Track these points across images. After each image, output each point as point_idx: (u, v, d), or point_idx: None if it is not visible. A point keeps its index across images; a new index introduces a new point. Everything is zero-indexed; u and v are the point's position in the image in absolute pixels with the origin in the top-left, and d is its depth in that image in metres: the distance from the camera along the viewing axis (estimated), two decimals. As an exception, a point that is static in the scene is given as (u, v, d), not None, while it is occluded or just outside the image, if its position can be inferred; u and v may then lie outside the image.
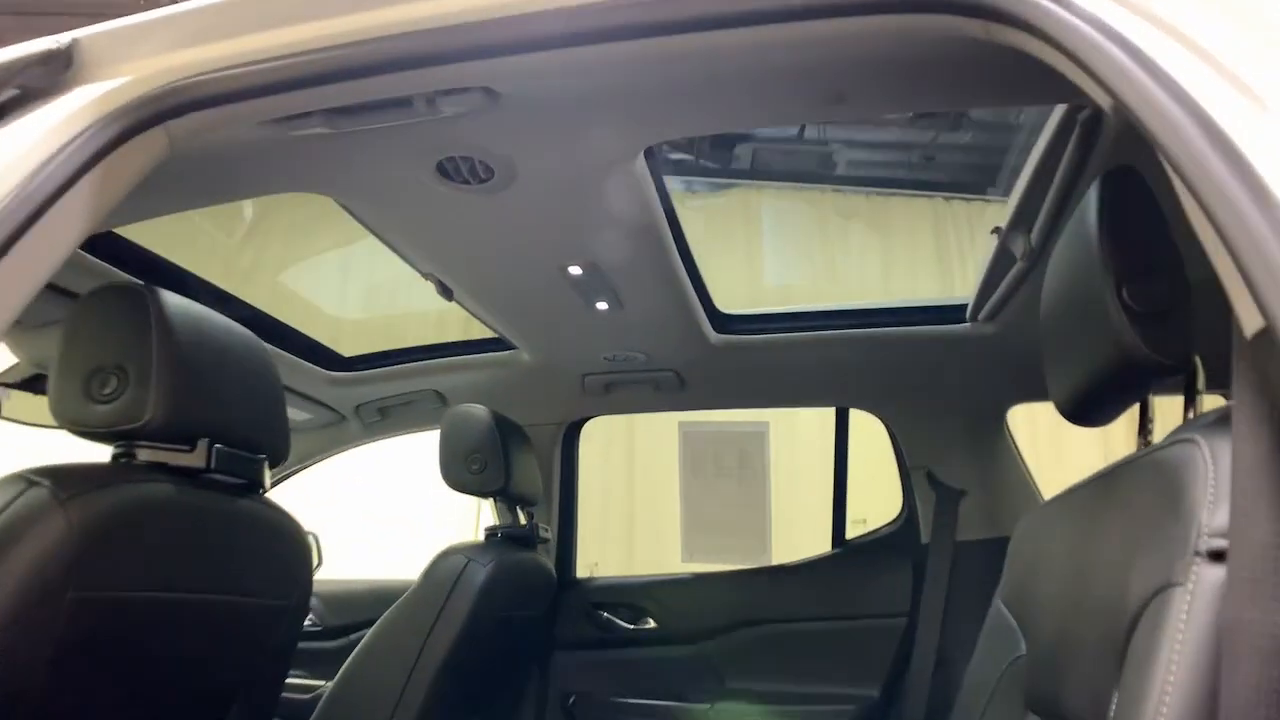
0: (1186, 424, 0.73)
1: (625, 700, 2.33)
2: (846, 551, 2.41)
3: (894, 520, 2.41)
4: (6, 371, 1.98)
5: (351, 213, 1.46)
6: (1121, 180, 0.81)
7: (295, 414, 2.45)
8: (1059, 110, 1.17)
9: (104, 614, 0.96)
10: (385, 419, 2.51)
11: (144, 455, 1.06)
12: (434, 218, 1.46)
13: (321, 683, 2.53)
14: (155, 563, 1.02)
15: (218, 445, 1.10)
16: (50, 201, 0.87)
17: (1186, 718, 0.51)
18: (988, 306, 1.80)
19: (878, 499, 2.47)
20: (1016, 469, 2.29)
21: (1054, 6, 0.63)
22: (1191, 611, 0.53)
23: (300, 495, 2.78)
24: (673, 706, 2.29)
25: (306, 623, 2.65)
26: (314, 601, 2.65)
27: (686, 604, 2.41)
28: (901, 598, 2.26)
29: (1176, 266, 0.76)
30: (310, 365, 2.22)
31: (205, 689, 1.17)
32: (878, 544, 2.41)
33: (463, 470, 1.95)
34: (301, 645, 2.58)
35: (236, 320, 1.24)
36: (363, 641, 1.77)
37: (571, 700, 2.35)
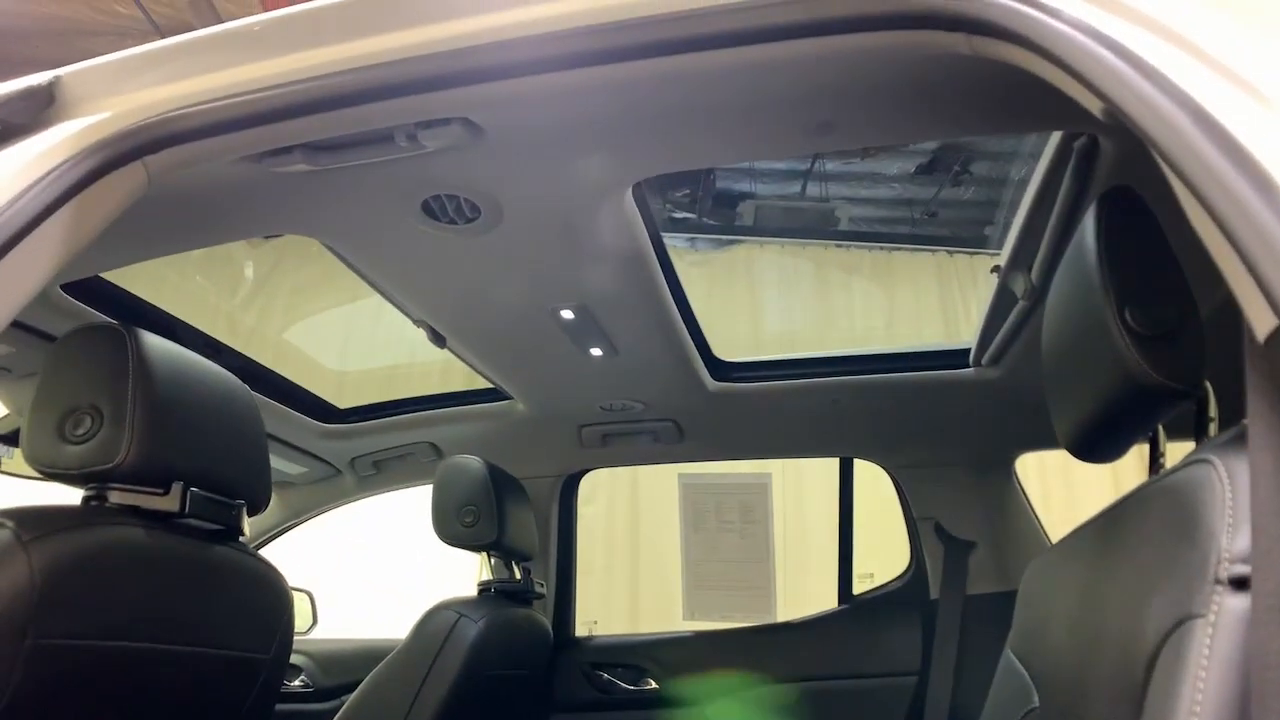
0: (1199, 447, 0.69)
1: None
2: (854, 608, 2.34)
3: (902, 574, 2.34)
4: None
5: (339, 256, 1.45)
6: (1120, 200, 0.78)
7: (289, 467, 2.42)
8: (1053, 141, 1.16)
9: (64, 662, 0.91)
10: (380, 472, 2.47)
11: (115, 498, 1.02)
12: (421, 260, 1.44)
13: (311, 750, 2.45)
14: (121, 609, 0.97)
15: (193, 489, 1.06)
16: (24, 233, 0.86)
17: None
18: (990, 350, 1.76)
19: (886, 552, 2.40)
20: (1026, 518, 2.22)
21: (1036, 13, 0.61)
22: (1214, 645, 0.48)
23: (295, 554, 2.73)
24: None
25: (298, 683, 2.59)
26: (306, 661, 2.58)
27: (689, 663, 2.32)
28: (912, 654, 2.18)
29: (1181, 287, 0.73)
30: (303, 417, 2.19)
31: None
32: (886, 599, 2.33)
33: (455, 523, 1.89)
34: (293, 707, 2.53)
35: (229, 370, 1.22)
36: (350, 699, 1.70)
37: None
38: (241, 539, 1.19)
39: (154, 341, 1.07)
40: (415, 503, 2.52)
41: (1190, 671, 0.48)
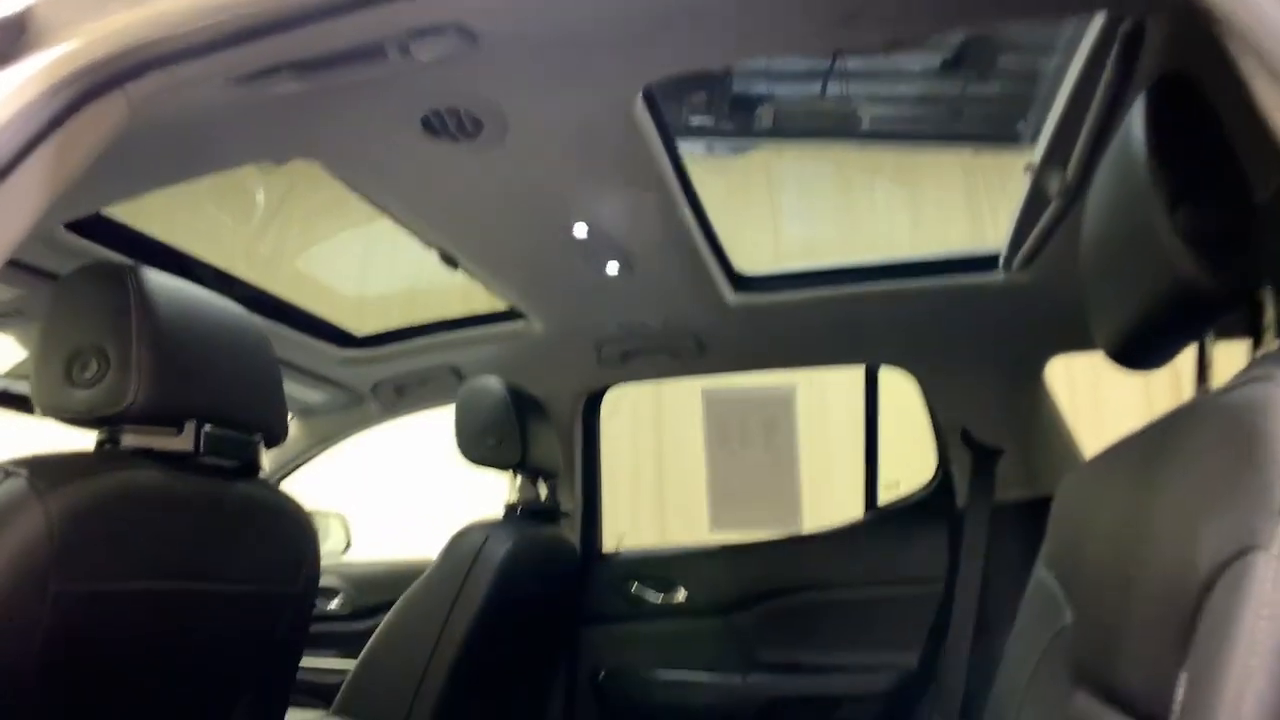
0: (1256, 363, 0.64)
1: (656, 674, 2.28)
2: (879, 517, 2.33)
3: (928, 483, 2.32)
4: (17, 366, 1.96)
5: (342, 180, 1.40)
6: (1172, 89, 0.71)
7: (310, 395, 2.42)
8: (1094, 27, 1.07)
9: (90, 607, 0.92)
10: (402, 397, 2.47)
11: (129, 440, 1.01)
12: (426, 180, 1.39)
13: (351, 664, 2.53)
14: (143, 553, 0.98)
15: (207, 427, 1.05)
16: (4, 173, 0.82)
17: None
18: (1022, 253, 1.69)
19: (911, 462, 2.38)
20: (1056, 424, 2.18)
21: None
22: (1278, 581, 0.44)
23: (327, 478, 2.77)
24: (704, 679, 2.24)
25: (335, 604, 2.66)
26: (342, 583, 2.64)
27: (716, 575, 2.35)
28: (937, 563, 2.18)
29: (1239, 183, 0.67)
30: (322, 344, 2.17)
31: (208, 682, 1.13)
32: (911, 508, 2.32)
33: (479, 444, 1.89)
34: (332, 627, 2.60)
35: (242, 301, 1.19)
36: (383, 623, 1.74)
37: (601, 675, 2.31)
38: (261, 474, 1.19)
39: (157, 278, 1.04)
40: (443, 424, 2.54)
41: (1249, 607, 0.45)
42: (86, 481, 0.92)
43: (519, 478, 2.02)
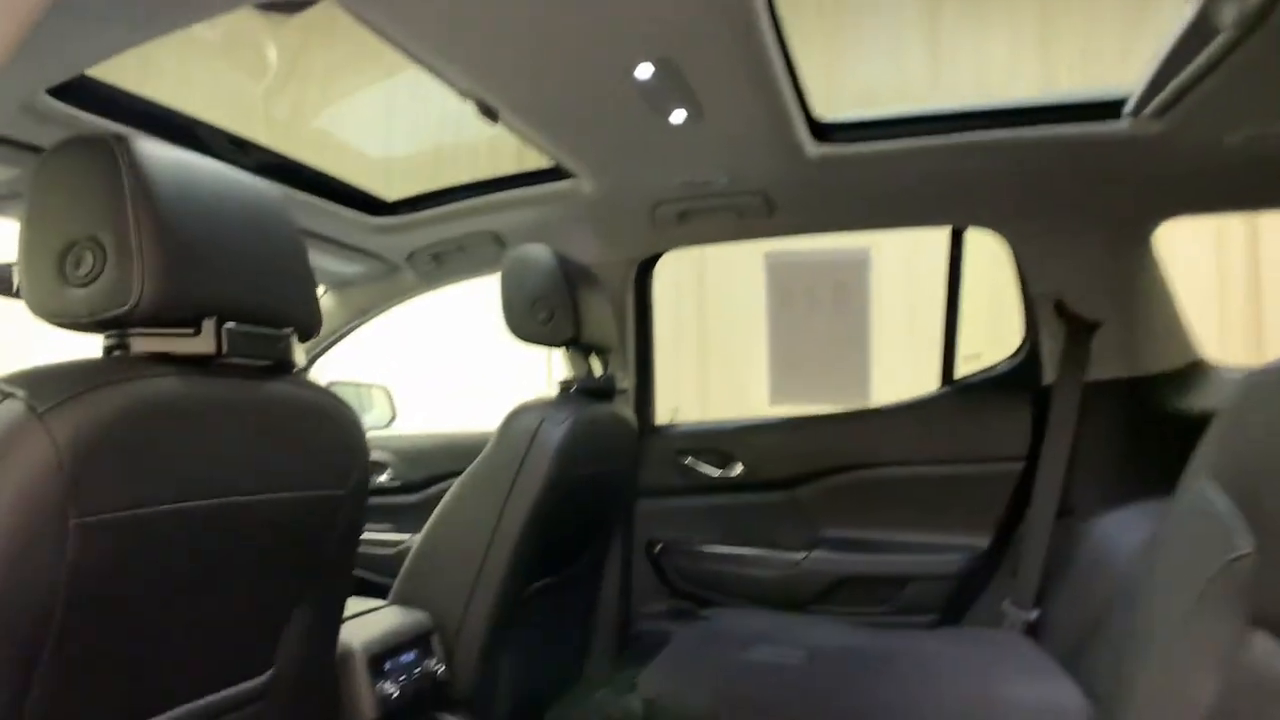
0: None
1: (713, 548, 2.21)
2: (956, 391, 2.18)
3: (1013, 355, 2.15)
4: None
5: (365, 22, 1.18)
6: None
7: (344, 267, 2.27)
8: None
9: (117, 536, 0.81)
10: (440, 266, 2.31)
11: (140, 345, 0.87)
12: (462, 15, 1.17)
13: (404, 537, 2.50)
14: (170, 471, 0.85)
15: (229, 324, 0.90)
16: None
17: None
18: (1160, 99, 1.44)
19: (994, 333, 2.20)
20: (1163, 297, 1.97)
21: None
22: None
23: (367, 351, 2.66)
24: (764, 554, 2.17)
25: (384, 478, 2.61)
26: (390, 457, 2.58)
27: (777, 449, 2.24)
28: (1018, 442, 2.04)
29: None
30: (352, 213, 2.00)
31: (258, 597, 1.03)
32: (992, 382, 2.16)
33: (529, 320, 1.74)
34: (382, 500, 2.56)
35: (258, 171, 1.02)
36: (439, 507, 1.65)
37: (658, 549, 2.25)
38: (296, 370, 1.05)
39: (154, 150, 0.86)
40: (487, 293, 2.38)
41: None
42: (96, 396, 0.78)
43: (572, 354, 1.88)
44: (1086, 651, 1.62)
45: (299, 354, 1.03)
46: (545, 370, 5.44)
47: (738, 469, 2.24)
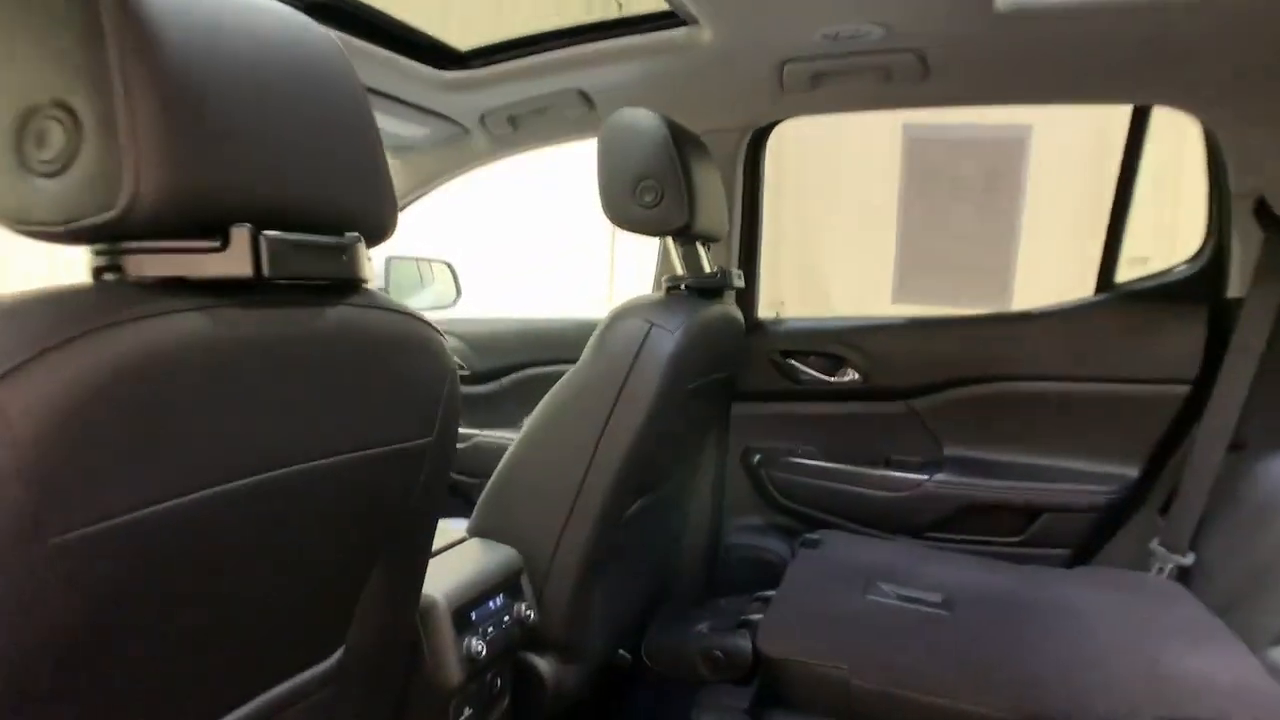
0: None
1: (819, 463, 1.98)
2: (1117, 298, 1.85)
3: (1190, 260, 1.81)
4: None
5: None
6: None
7: (408, 130, 1.97)
8: None
9: (128, 547, 0.57)
10: (517, 129, 2.00)
11: (140, 267, 0.60)
12: None
13: (474, 432, 2.31)
14: (195, 447, 0.60)
15: (269, 232, 0.63)
16: None
17: None
18: None
19: (1166, 234, 1.84)
20: None
21: None
22: None
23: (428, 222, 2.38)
24: (878, 474, 1.92)
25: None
26: (459, 344, 2.35)
27: (899, 353, 1.95)
28: (1187, 361, 1.73)
29: None
30: (418, 66, 1.68)
31: (323, 576, 0.82)
32: (1162, 291, 1.83)
33: (631, 202, 1.44)
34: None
35: (308, 11, 0.72)
36: (526, 430, 1.41)
37: (757, 459, 2.02)
38: (365, 288, 0.79)
39: None
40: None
41: None
42: (72, 354, 0.52)
43: (681, 245, 1.59)
44: (1247, 605, 1.42)
45: (367, 266, 0.76)
46: (609, 244, 5.13)
47: (850, 374, 1.97)
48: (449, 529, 1.38)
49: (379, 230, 0.77)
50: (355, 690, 0.91)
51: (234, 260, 0.61)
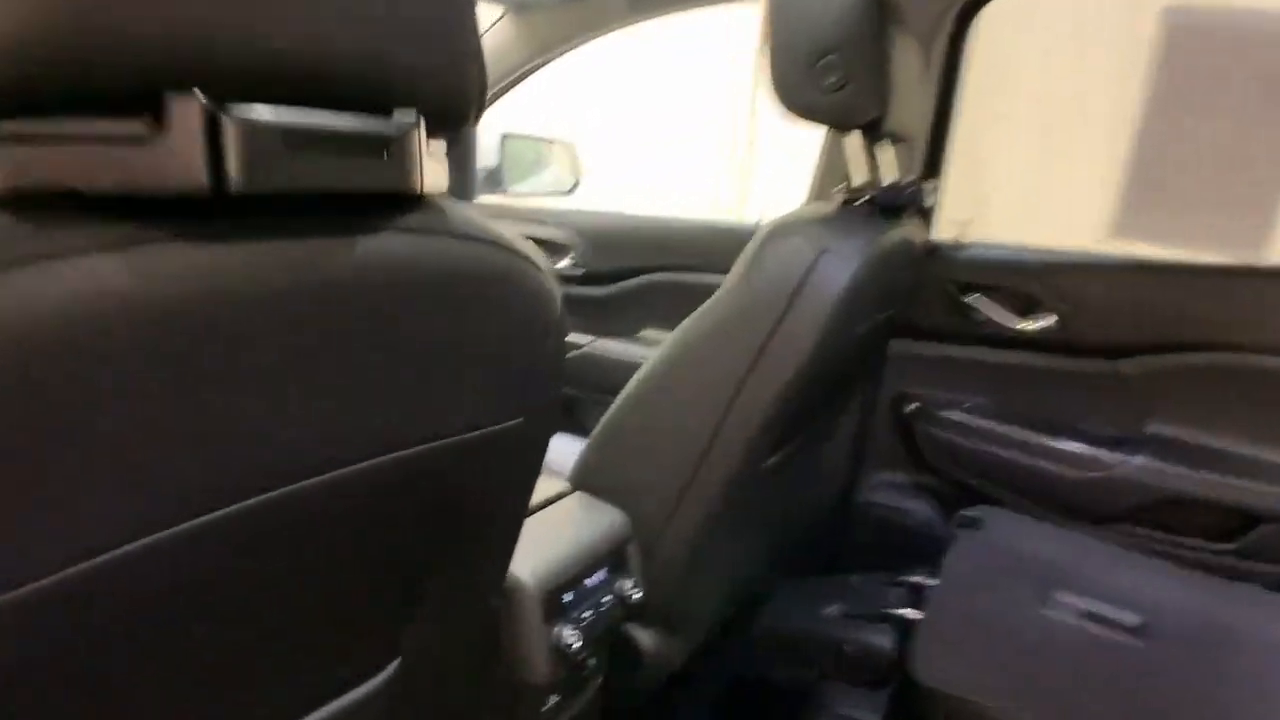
0: None
1: (990, 423, 1.64)
2: None
3: None
4: None
5: None
6: None
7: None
8: None
9: (66, 606, 0.34)
10: (659, -13, 1.65)
11: (24, 166, 0.33)
12: None
13: (585, 339, 2.07)
14: (142, 468, 0.35)
15: (237, 107, 0.35)
16: None
17: None
18: None
19: None
20: None
21: None
22: None
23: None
24: (1061, 446, 1.58)
25: (565, 263, 2.14)
26: (574, 238, 2.09)
27: (1110, 301, 1.57)
28: None
29: None
30: None
31: (369, 589, 0.59)
32: None
33: (807, 84, 1.11)
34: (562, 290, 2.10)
35: None
36: (646, 368, 1.14)
37: (912, 408, 1.71)
38: (430, 201, 0.51)
39: None
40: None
41: None
42: None
43: (868, 144, 1.24)
44: None
45: (436, 169, 0.48)
46: (747, 122, 4.65)
47: (1046, 319, 1.61)
48: (549, 462, 1.15)
49: (455, 108, 0.48)
50: (413, 704, 0.71)
51: (174, 158, 0.34)
